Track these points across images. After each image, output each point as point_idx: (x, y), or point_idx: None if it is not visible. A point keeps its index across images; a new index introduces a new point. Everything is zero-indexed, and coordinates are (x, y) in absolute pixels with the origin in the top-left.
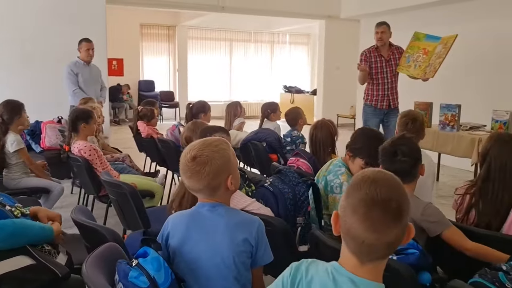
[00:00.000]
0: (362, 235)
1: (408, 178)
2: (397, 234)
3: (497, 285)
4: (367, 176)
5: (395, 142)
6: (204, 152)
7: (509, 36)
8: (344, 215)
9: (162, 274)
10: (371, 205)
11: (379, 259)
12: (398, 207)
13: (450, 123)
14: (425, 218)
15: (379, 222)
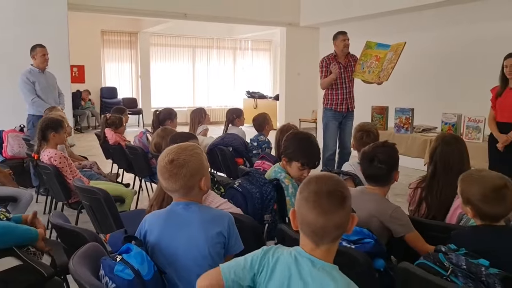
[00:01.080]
0: (314, 220)
1: (381, 182)
2: (342, 217)
3: (438, 264)
4: (314, 176)
5: (375, 150)
6: (181, 156)
7: (456, 44)
8: (299, 208)
9: (145, 267)
10: (320, 194)
11: (330, 242)
12: (342, 195)
13: (405, 126)
14: (393, 220)
15: (327, 207)
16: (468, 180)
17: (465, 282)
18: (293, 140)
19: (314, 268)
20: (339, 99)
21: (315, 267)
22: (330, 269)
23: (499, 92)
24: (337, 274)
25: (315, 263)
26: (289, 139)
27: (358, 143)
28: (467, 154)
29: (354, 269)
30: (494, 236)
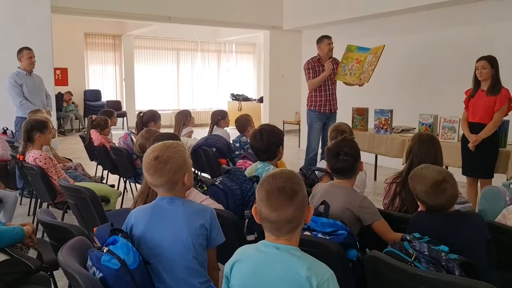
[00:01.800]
0: (268, 215)
1: (349, 174)
2: (293, 212)
3: (403, 252)
4: (269, 174)
5: (339, 144)
6: (166, 153)
7: (434, 48)
8: (258, 205)
9: (131, 257)
10: (271, 192)
11: (287, 234)
12: (291, 190)
13: (384, 127)
14: (362, 209)
15: (277, 203)
16: (414, 179)
17: (427, 267)
18: (262, 139)
19: (278, 251)
20: (323, 101)
21: (279, 251)
22: (294, 251)
23: (471, 93)
24: (300, 254)
25: (280, 248)
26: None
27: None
28: (441, 152)
29: (329, 260)
30: (439, 221)
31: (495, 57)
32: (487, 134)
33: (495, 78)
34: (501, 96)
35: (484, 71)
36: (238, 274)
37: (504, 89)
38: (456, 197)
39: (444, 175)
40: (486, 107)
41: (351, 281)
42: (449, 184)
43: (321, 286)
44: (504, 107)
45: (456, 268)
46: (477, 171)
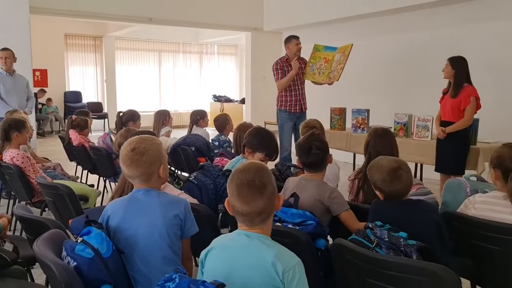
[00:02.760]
0: (240, 208)
1: (319, 167)
2: (263, 203)
3: (366, 239)
4: (238, 168)
5: (309, 139)
6: (142, 145)
7: (410, 48)
8: (230, 199)
9: (104, 246)
10: (241, 186)
11: (259, 223)
12: (261, 184)
13: (361, 126)
14: (331, 200)
15: (248, 196)
16: (372, 169)
17: (387, 252)
18: (258, 134)
19: (248, 239)
20: (293, 101)
21: (249, 238)
22: (264, 239)
23: (445, 91)
24: (270, 242)
25: (250, 236)
26: (253, 133)
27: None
28: (396, 145)
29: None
30: (395, 208)
31: (460, 58)
32: (452, 129)
33: (456, 78)
34: (464, 95)
35: (446, 70)
36: (211, 260)
37: (468, 88)
38: (411, 184)
39: (399, 163)
40: (453, 107)
41: (319, 269)
42: (404, 171)
43: (286, 272)
44: (470, 106)
45: (413, 253)
46: (449, 168)
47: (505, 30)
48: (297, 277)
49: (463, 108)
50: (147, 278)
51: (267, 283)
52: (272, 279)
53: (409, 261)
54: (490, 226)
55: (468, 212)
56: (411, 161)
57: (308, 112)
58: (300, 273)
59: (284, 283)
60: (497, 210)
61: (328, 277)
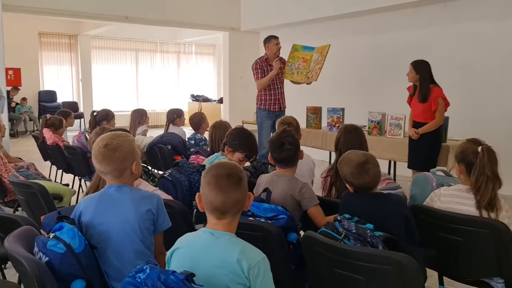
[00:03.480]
0: (216, 198)
1: (291, 163)
2: (239, 195)
3: (334, 231)
4: (214, 163)
5: (281, 135)
6: (114, 141)
7: (382, 49)
8: (203, 191)
9: (76, 241)
10: (219, 177)
11: (231, 216)
12: (238, 177)
13: (336, 125)
14: (301, 195)
15: (226, 186)
16: (341, 163)
17: (354, 243)
18: (240, 134)
19: (213, 237)
20: (272, 99)
21: (214, 236)
22: (229, 236)
23: (412, 92)
24: (235, 239)
25: (215, 233)
26: (235, 133)
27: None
28: (365, 140)
29: (269, 241)
30: (364, 200)
31: (422, 62)
32: (424, 130)
33: (421, 82)
34: (433, 98)
35: (410, 74)
36: (176, 260)
37: (434, 89)
38: (378, 177)
39: (367, 157)
40: (424, 110)
41: (291, 262)
42: (371, 164)
43: (251, 268)
44: (439, 108)
45: (379, 244)
46: (421, 164)
47: (472, 31)
48: (262, 273)
49: (434, 110)
50: (120, 272)
51: (232, 281)
52: (237, 276)
53: (374, 251)
54: (454, 218)
55: (434, 205)
56: (384, 159)
57: (287, 111)
58: (265, 269)
59: (250, 280)
60: (460, 202)
61: (299, 270)
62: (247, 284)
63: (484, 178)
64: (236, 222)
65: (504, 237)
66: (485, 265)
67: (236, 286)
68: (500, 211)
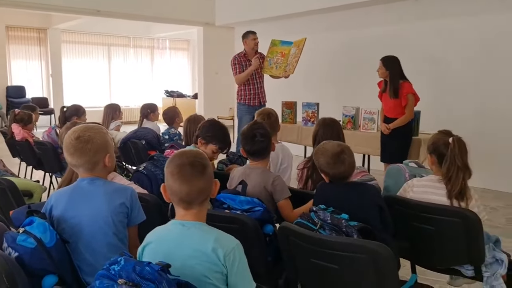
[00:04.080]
0: (180, 188)
1: (264, 155)
2: (204, 183)
3: (310, 221)
4: (177, 153)
5: (253, 127)
6: (87, 133)
7: (355, 44)
8: (167, 181)
9: (48, 235)
10: (182, 166)
11: (197, 205)
12: (201, 165)
13: (311, 119)
14: (274, 187)
15: (189, 175)
16: (317, 153)
17: (330, 233)
18: (213, 126)
19: (184, 228)
20: (252, 94)
21: (185, 227)
22: (200, 226)
23: (383, 88)
24: (206, 227)
25: (186, 224)
26: (207, 125)
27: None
28: (343, 133)
29: (245, 234)
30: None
31: (392, 58)
32: (395, 126)
33: (391, 78)
34: (402, 94)
35: (380, 71)
36: (148, 255)
37: (404, 85)
38: (353, 167)
39: (342, 147)
40: (395, 105)
41: (267, 254)
42: (346, 154)
43: (227, 255)
44: (409, 103)
45: (354, 233)
46: (393, 158)
47: (443, 27)
48: (238, 259)
49: (404, 105)
50: (93, 267)
51: (209, 269)
52: (214, 265)
53: (349, 240)
54: (426, 207)
55: (406, 195)
56: (359, 152)
57: (267, 106)
58: (241, 255)
59: (227, 267)
60: (432, 192)
61: (276, 262)
62: (224, 272)
63: (454, 168)
64: (205, 210)
65: (474, 225)
66: (456, 253)
67: (214, 275)
68: (470, 200)
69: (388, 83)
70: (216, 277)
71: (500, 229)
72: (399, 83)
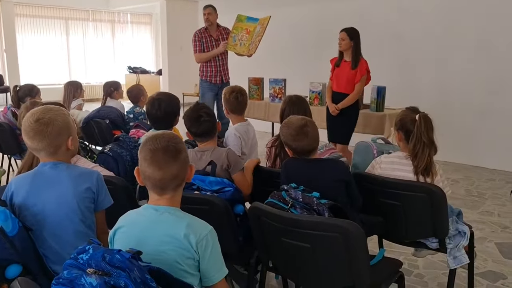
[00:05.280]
0: (153, 174)
1: (212, 134)
2: (177, 168)
3: (281, 201)
4: (150, 135)
5: (196, 108)
6: (47, 115)
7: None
8: (141, 166)
9: (9, 224)
10: (155, 151)
11: (171, 191)
12: (175, 149)
13: (278, 96)
14: (229, 161)
15: (163, 161)
16: (282, 126)
17: (301, 212)
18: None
19: (157, 213)
20: (213, 71)
21: (158, 212)
22: (174, 211)
23: (336, 63)
24: (180, 213)
25: (159, 209)
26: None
27: (233, 104)
28: (310, 111)
29: (216, 215)
30: (305, 165)
31: (355, 29)
32: (345, 104)
33: (354, 50)
34: (361, 67)
35: (343, 42)
36: (120, 238)
37: (363, 61)
38: (317, 140)
39: (306, 121)
40: (349, 79)
41: (238, 234)
42: (310, 128)
43: (199, 242)
44: (363, 78)
45: (325, 211)
46: (337, 137)
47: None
48: (211, 245)
49: (358, 80)
50: (59, 255)
51: (181, 255)
52: (186, 251)
53: (321, 219)
54: (393, 183)
55: (375, 172)
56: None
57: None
58: (214, 241)
59: (199, 253)
60: (399, 169)
61: (247, 241)
62: (196, 258)
63: (421, 145)
64: (179, 195)
65: (439, 200)
66: (422, 227)
67: (185, 261)
68: (435, 176)
69: (350, 55)
70: (188, 263)
71: (460, 200)
72: (360, 57)
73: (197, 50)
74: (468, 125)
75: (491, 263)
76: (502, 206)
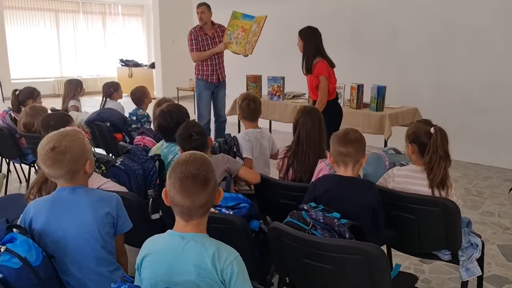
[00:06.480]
0: (181, 202)
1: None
2: (206, 197)
3: (301, 221)
4: (181, 160)
5: (186, 127)
6: (63, 142)
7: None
8: (169, 191)
9: (33, 253)
10: (184, 179)
11: (199, 217)
12: (204, 178)
13: (277, 93)
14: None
15: (192, 190)
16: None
17: (322, 233)
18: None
19: (184, 241)
20: (209, 70)
21: (185, 240)
22: (200, 238)
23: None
24: (207, 240)
25: (185, 237)
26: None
27: (245, 111)
28: (323, 122)
29: (233, 233)
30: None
31: (308, 29)
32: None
33: (305, 53)
34: (316, 73)
35: (299, 44)
36: (148, 267)
37: (319, 64)
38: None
39: (350, 129)
40: (311, 86)
41: (255, 250)
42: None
43: (224, 269)
44: (322, 85)
45: (346, 232)
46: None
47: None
48: (236, 273)
49: (315, 85)
50: (81, 282)
51: (209, 285)
52: (213, 281)
53: (343, 242)
54: (407, 197)
55: (388, 185)
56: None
57: (227, 81)
58: (240, 268)
59: (224, 281)
60: (414, 183)
61: (263, 256)
62: (223, 287)
63: (437, 158)
64: (205, 220)
65: (453, 214)
66: (435, 240)
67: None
68: (450, 189)
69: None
70: None
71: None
72: (316, 60)
73: (193, 49)
74: (465, 122)
75: (494, 267)
76: (502, 206)
